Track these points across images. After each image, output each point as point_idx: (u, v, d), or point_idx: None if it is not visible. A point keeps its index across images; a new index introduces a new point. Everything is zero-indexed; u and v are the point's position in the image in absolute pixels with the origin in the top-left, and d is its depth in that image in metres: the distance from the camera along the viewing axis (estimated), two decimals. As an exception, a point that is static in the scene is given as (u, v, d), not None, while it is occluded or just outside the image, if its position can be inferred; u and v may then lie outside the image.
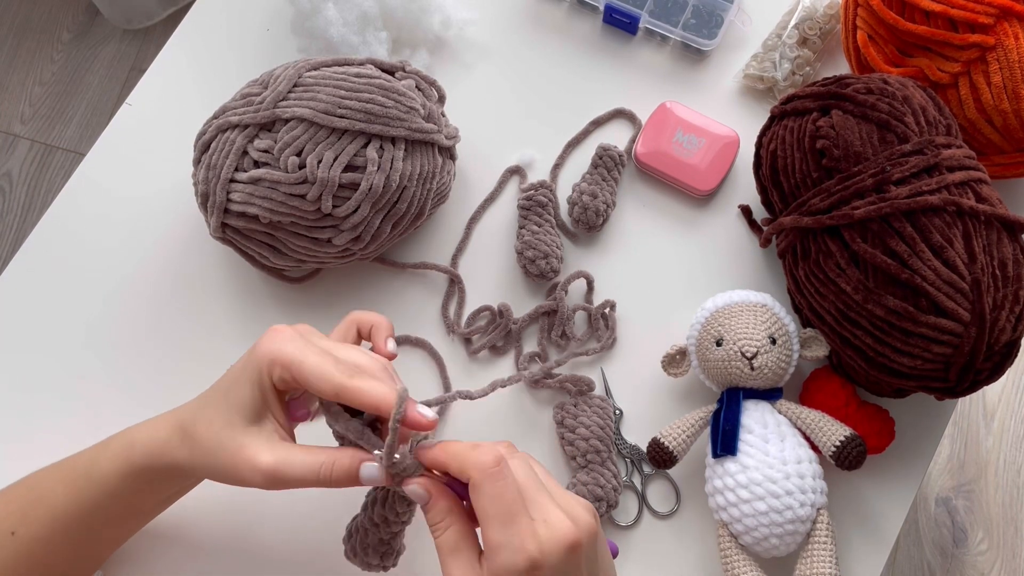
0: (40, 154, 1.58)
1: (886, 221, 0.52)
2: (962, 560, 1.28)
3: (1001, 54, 0.56)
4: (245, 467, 0.45)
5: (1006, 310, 0.51)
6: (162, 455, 0.48)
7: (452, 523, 0.43)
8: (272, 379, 0.46)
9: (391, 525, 0.49)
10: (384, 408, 0.44)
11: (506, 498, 0.41)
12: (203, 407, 0.48)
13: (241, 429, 0.46)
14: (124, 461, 0.48)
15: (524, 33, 0.73)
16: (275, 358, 0.46)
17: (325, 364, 0.45)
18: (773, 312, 0.57)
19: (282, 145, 0.57)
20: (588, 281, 0.65)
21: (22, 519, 0.50)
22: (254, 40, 0.73)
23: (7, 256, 1.50)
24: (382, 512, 0.49)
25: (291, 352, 0.46)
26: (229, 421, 0.46)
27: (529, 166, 0.69)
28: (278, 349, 0.46)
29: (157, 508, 0.54)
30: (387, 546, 0.50)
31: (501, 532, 0.40)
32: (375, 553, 0.50)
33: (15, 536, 0.49)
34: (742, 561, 0.54)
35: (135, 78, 1.55)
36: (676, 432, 0.57)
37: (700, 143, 0.66)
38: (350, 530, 0.51)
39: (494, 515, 0.41)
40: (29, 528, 0.49)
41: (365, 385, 0.45)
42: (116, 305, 0.66)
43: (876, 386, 0.57)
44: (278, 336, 0.47)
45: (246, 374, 0.47)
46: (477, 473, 0.41)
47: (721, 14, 0.70)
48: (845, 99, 0.56)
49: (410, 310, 0.65)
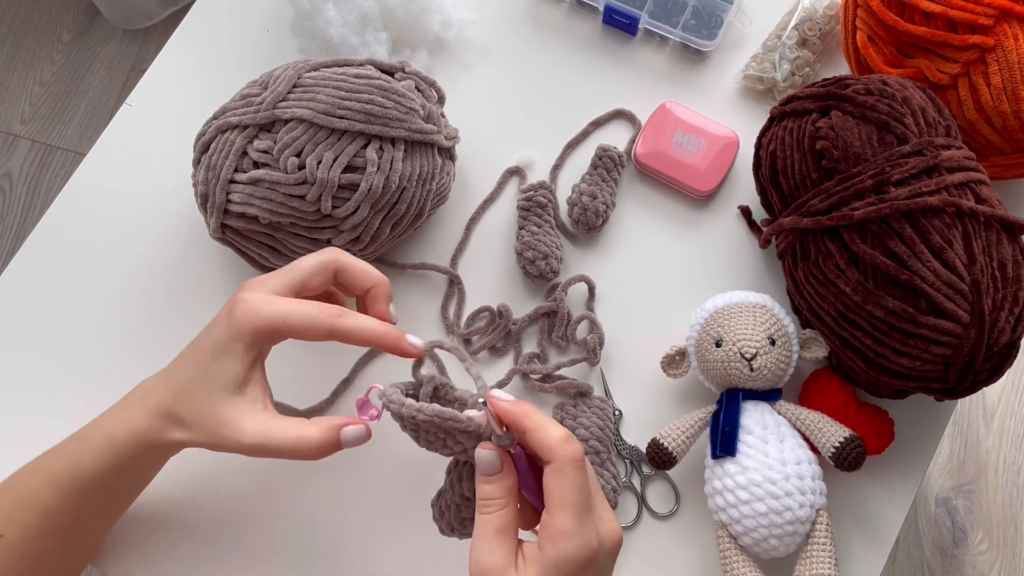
0: (40, 154, 1.58)
1: (886, 222, 0.52)
2: (962, 560, 1.28)
3: (1000, 55, 0.56)
4: (231, 440, 0.46)
5: (1005, 311, 0.51)
6: (151, 441, 0.48)
7: (508, 504, 0.42)
8: (261, 349, 0.47)
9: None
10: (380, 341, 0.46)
11: (587, 489, 0.41)
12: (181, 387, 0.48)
13: (223, 403, 0.46)
14: (110, 455, 0.48)
15: (524, 34, 0.73)
16: (257, 327, 0.45)
17: (310, 311, 0.45)
18: (772, 313, 0.57)
19: (282, 146, 0.57)
20: (590, 287, 0.64)
21: (8, 521, 0.50)
22: (254, 40, 0.73)
23: (7, 256, 1.50)
24: (471, 486, 0.47)
25: (270, 315, 0.45)
26: (211, 398, 0.46)
27: (529, 167, 0.69)
28: (257, 317, 0.45)
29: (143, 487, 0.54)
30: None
31: (575, 521, 0.40)
32: (471, 523, 0.48)
33: (4, 538, 0.49)
34: (741, 562, 0.54)
35: (135, 78, 1.55)
36: (675, 433, 0.57)
37: (700, 144, 0.66)
38: (439, 507, 0.50)
39: (573, 503, 0.40)
40: (18, 529, 0.49)
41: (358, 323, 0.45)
42: (116, 305, 0.66)
43: (876, 387, 0.57)
44: (250, 305, 0.46)
45: (227, 349, 0.46)
46: (565, 457, 0.40)
47: (721, 15, 0.70)
48: (845, 100, 0.56)
49: (410, 311, 0.65)
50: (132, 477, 0.51)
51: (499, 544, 0.41)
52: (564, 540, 0.39)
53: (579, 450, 0.41)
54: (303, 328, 0.46)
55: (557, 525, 0.40)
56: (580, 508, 0.40)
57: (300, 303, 0.46)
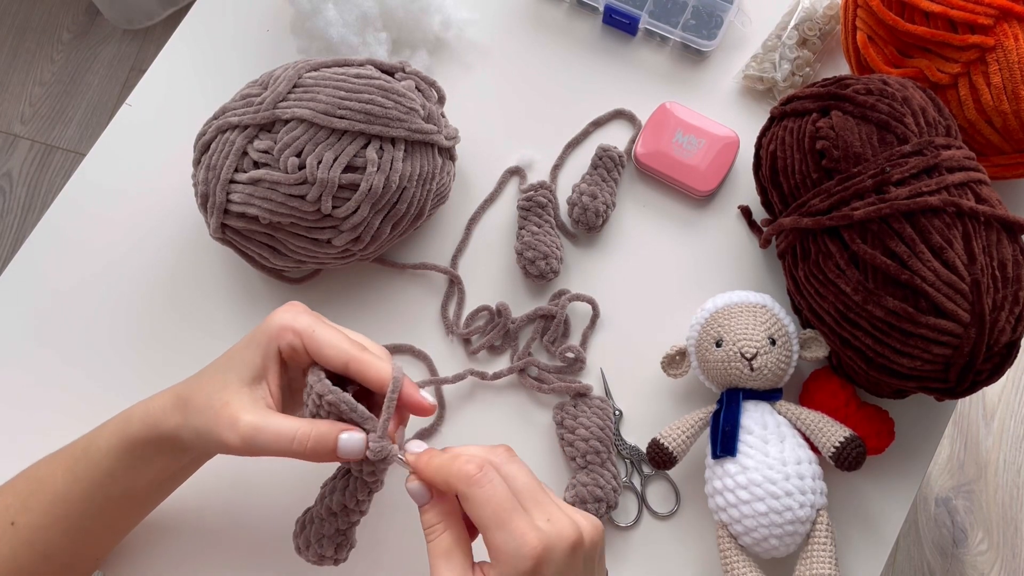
0: (40, 154, 1.58)
1: (886, 222, 0.52)
2: (962, 560, 1.28)
3: (1001, 55, 0.56)
4: (225, 423, 0.45)
5: (1006, 311, 0.51)
6: (156, 425, 0.48)
7: (448, 527, 0.43)
8: (280, 345, 0.47)
9: (350, 514, 0.49)
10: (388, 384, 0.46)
11: (496, 500, 0.41)
12: (202, 375, 0.49)
13: (233, 389, 0.47)
14: (120, 436, 0.49)
15: (524, 34, 0.73)
16: (287, 325, 0.47)
17: (338, 335, 0.47)
18: (773, 313, 0.57)
19: (282, 146, 0.57)
20: (594, 309, 0.64)
21: (22, 508, 0.50)
22: (254, 40, 0.73)
23: (7, 256, 1.50)
24: (341, 500, 0.48)
25: (305, 321, 0.48)
26: (224, 381, 0.47)
27: (529, 167, 0.69)
28: (292, 318, 0.48)
29: (152, 495, 0.54)
30: (343, 536, 0.50)
31: (499, 534, 0.40)
32: (330, 544, 0.49)
33: (15, 526, 0.50)
34: (742, 562, 0.54)
35: (135, 78, 1.55)
36: (676, 433, 0.57)
37: (700, 144, 0.66)
38: (302, 522, 0.50)
39: (488, 519, 0.41)
40: (29, 517, 0.50)
41: (375, 360, 0.46)
42: (116, 305, 0.66)
43: (876, 387, 0.57)
44: (293, 308, 0.49)
45: (254, 340, 0.48)
46: (462, 484, 0.41)
47: (721, 15, 0.70)
48: (845, 100, 0.56)
49: (410, 311, 0.65)
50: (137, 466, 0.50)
51: (449, 566, 0.42)
52: (498, 556, 0.40)
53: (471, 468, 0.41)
54: (328, 344, 0.47)
55: (489, 546, 0.41)
56: (497, 520, 0.40)
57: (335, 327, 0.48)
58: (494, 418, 0.63)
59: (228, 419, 0.46)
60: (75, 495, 0.50)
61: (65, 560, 0.52)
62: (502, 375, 0.62)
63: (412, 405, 0.46)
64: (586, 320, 0.64)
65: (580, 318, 0.65)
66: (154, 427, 0.48)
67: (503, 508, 0.41)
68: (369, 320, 0.65)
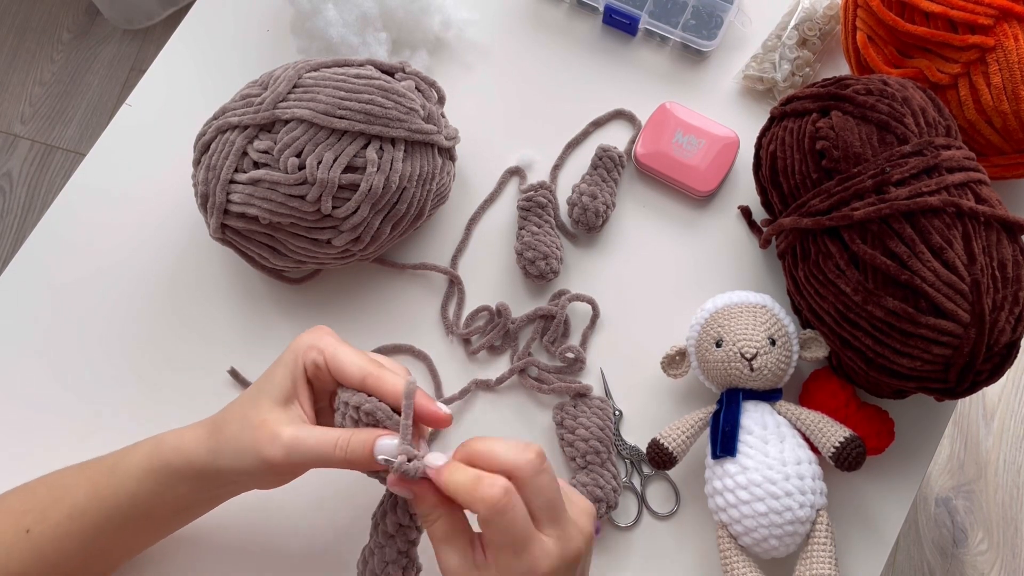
0: (40, 154, 1.58)
1: (886, 222, 0.52)
2: (962, 560, 1.28)
3: (1001, 55, 0.56)
4: (266, 438, 0.46)
5: (1006, 311, 0.51)
6: (187, 453, 0.49)
7: (442, 513, 0.44)
8: (305, 362, 0.48)
9: (407, 532, 0.48)
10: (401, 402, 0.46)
11: (515, 528, 0.41)
12: (233, 404, 0.50)
13: (267, 408, 0.48)
14: (149, 460, 0.49)
15: (524, 34, 0.73)
16: (312, 343, 0.49)
17: (357, 353, 0.49)
18: (773, 313, 0.57)
19: (282, 146, 0.57)
20: (594, 310, 0.64)
21: (40, 517, 0.50)
22: (254, 40, 0.73)
23: (7, 256, 1.50)
24: (395, 520, 0.48)
25: (328, 340, 0.49)
26: (257, 404, 0.48)
27: (529, 167, 0.69)
28: (317, 337, 0.49)
29: (170, 521, 0.53)
30: (407, 558, 0.49)
31: (513, 559, 0.41)
32: (396, 568, 0.48)
33: (29, 534, 0.50)
34: (742, 562, 0.54)
35: (135, 78, 1.55)
36: (676, 433, 0.57)
37: (700, 144, 0.66)
38: (363, 557, 0.50)
39: (504, 545, 0.41)
40: (45, 527, 0.50)
41: (390, 374, 0.47)
42: (116, 306, 0.66)
43: (876, 387, 0.57)
44: (318, 330, 0.50)
45: (281, 362, 0.49)
46: (484, 509, 0.41)
47: (721, 15, 0.70)
48: (845, 100, 0.56)
49: (410, 311, 0.65)
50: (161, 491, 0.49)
51: (450, 549, 0.43)
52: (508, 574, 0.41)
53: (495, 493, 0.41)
54: (347, 361, 0.48)
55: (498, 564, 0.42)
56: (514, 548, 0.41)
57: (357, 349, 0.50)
58: (494, 418, 0.63)
59: (268, 435, 0.46)
60: (94, 512, 0.50)
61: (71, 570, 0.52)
62: (504, 379, 0.63)
63: (428, 416, 0.46)
64: (586, 320, 0.65)
65: (580, 318, 0.65)
66: (184, 455, 0.49)
67: (520, 536, 0.41)
68: (369, 320, 0.65)
